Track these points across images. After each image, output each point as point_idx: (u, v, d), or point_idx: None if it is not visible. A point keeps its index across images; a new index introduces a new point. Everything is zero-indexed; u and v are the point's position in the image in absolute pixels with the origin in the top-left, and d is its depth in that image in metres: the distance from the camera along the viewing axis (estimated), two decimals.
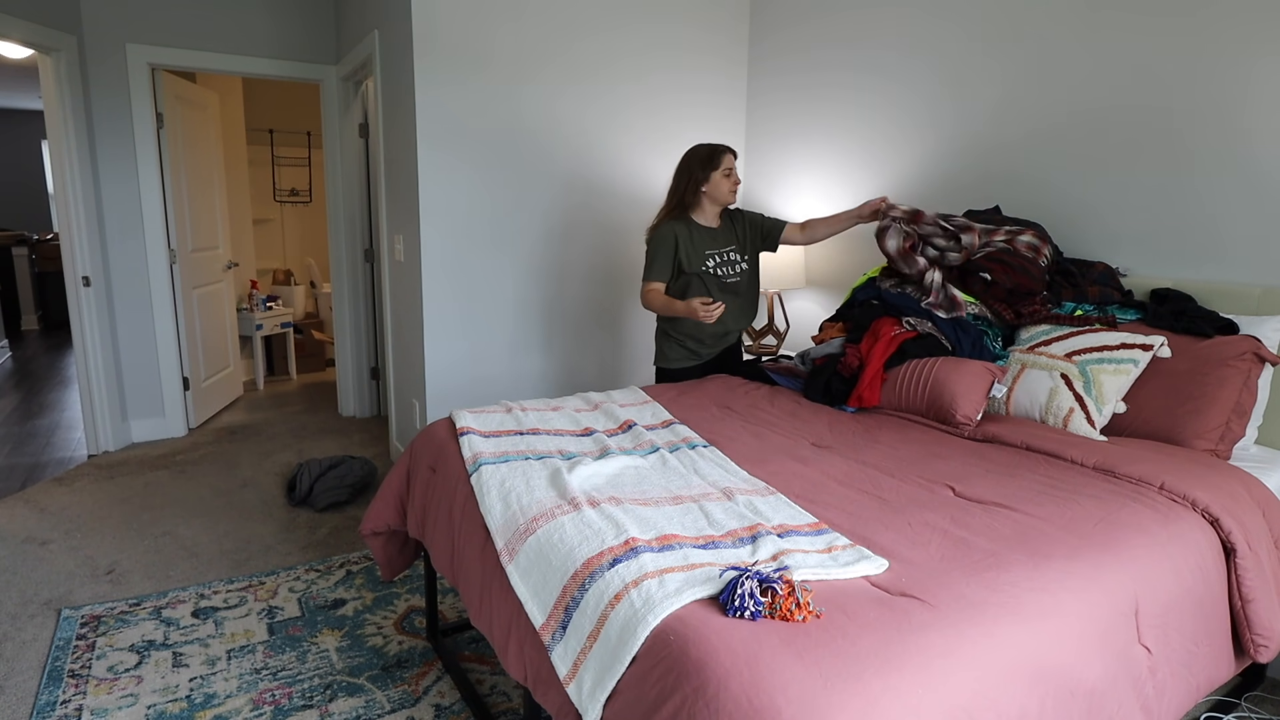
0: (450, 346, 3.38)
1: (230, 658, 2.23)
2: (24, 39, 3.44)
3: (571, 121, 3.49)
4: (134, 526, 3.11)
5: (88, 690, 2.07)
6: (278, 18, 4.22)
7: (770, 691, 1.00)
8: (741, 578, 1.18)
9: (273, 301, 5.68)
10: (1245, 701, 1.98)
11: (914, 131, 3.11)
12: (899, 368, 2.34)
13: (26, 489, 3.50)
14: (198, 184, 4.51)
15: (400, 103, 3.35)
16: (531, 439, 1.99)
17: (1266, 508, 1.74)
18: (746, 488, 1.67)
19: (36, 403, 5.02)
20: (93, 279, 3.89)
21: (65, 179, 3.75)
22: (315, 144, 7.01)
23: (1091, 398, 2.07)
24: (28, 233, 8.37)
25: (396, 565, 2.26)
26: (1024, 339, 2.36)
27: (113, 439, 4.06)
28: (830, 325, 2.81)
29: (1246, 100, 2.15)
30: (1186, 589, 1.48)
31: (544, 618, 1.35)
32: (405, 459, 2.18)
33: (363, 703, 2.04)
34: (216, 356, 4.80)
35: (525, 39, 3.30)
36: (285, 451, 4.09)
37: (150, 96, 3.98)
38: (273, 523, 3.18)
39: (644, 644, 1.15)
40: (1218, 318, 2.10)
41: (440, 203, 3.25)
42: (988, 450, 1.97)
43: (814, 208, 3.60)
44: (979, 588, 1.25)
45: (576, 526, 1.45)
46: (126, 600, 2.54)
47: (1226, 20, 2.17)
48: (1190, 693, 1.48)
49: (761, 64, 3.83)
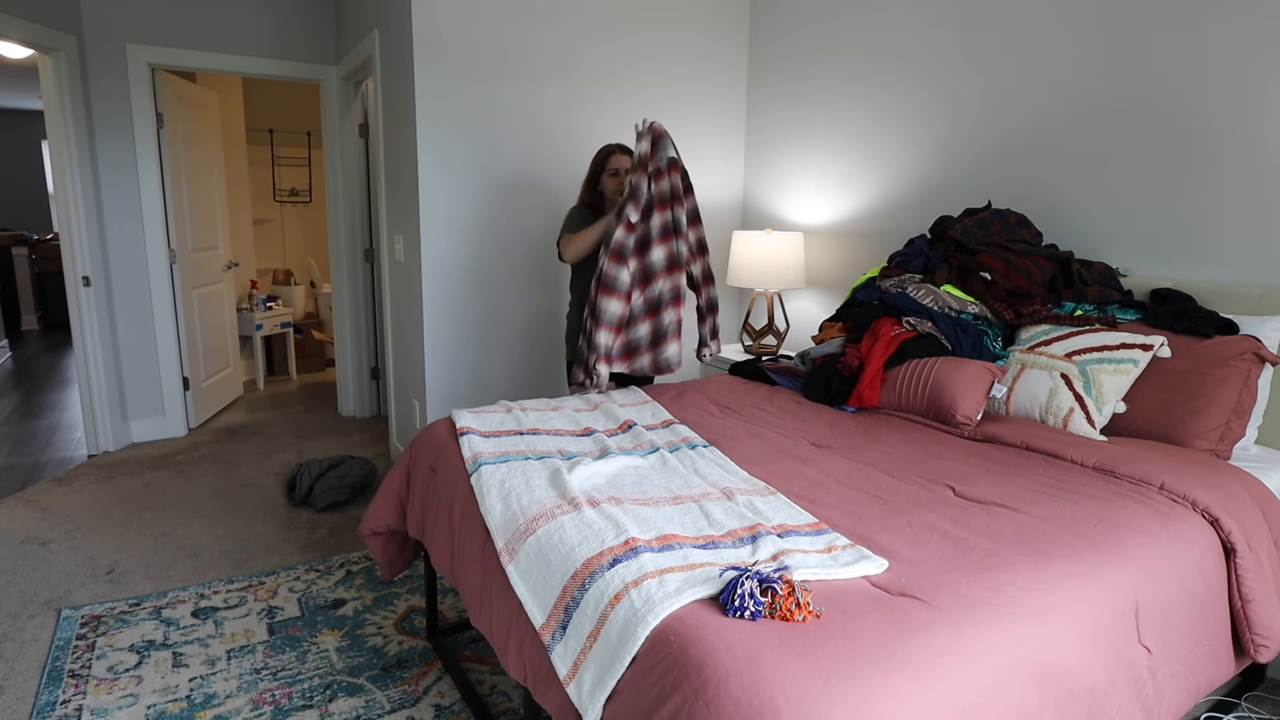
0: (450, 346, 3.38)
1: (230, 658, 2.23)
2: (24, 39, 3.44)
3: (572, 122, 3.49)
4: (134, 526, 3.11)
5: (88, 690, 2.07)
6: (278, 18, 4.22)
7: (770, 691, 1.00)
8: (741, 578, 1.18)
9: (273, 301, 5.68)
10: (1245, 701, 1.98)
11: (910, 135, 3.11)
12: (899, 368, 2.34)
13: (26, 489, 3.50)
14: (198, 184, 4.52)
15: (400, 103, 3.35)
16: (531, 439, 1.99)
17: (1266, 508, 1.74)
18: (746, 488, 1.67)
19: (36, 403, 5.02)
20: (93, 279, 3.89)
21: (65, 179, 3.75)
22: (315, 144, 7.02)
23: (1091, 398, 2.07)
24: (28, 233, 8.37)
25: (396, 565, 2.26)
26: (1024, 339, 2.36)
27: (113, 439, 4.06)
28: (830, 325, 2.81)
29: (1247, 100, 2.15)
30: (1186, 589, 1.48)
31: (544, 618, 1.35)
32: (405, 459, 2.18)
33: (363, 703, 2.04)
34: (216, 356, 4.80)
35: (526, 40, 3.30)
36: (285, 451, 4.10)
37: (150, 96, 3.98)
38: (273, 523, 3.18)
39: (644, 644, 1.15)
40: (1218, 318, 2.10)
41: (440, 203, 3.25)
42: (988, 450, 1.97)
43: (814, 208, 3.60)
44: (979, 588, 1.25)
45: (576, 526, 1.46)
46: (126, 600, 2.54)
47: (1226, 19, 2.17)
48: (1190, 692, 1.49)
49: (761, 70, 3.84)
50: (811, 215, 3.63)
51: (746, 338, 3.58)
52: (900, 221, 3.19)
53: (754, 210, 3.98)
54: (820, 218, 3.59)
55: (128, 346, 4.12)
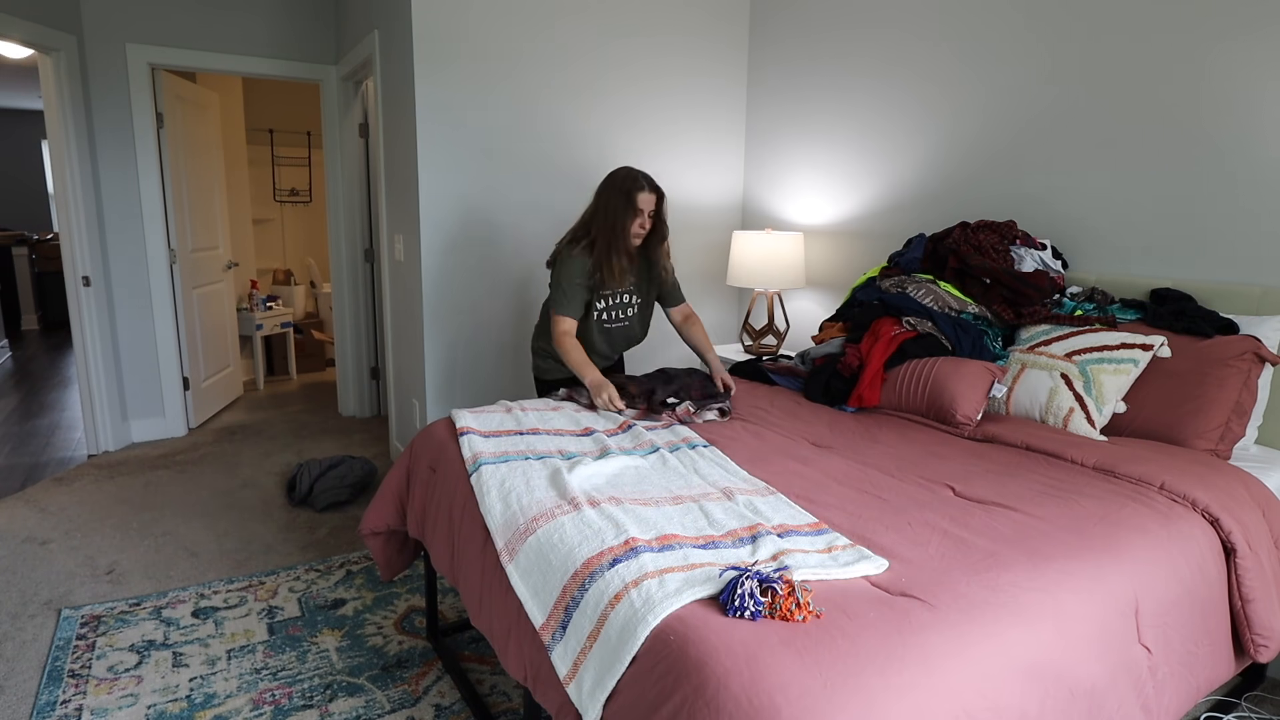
0: (450, 346, 3.38)
1: (230, 658, 2.23)
2: (24, 39, 3.44)
3: (572, 122, 3.49)
4: (134, 526, 3.11)
5: (88, 690, 2.07)
6: (278, 18, 4.22)
7: (770, 691, 1.00)
8: (741, 578, 1.18)
9: (273, 301, 5.68)
10: (1245, 701, 1.98)
11: (911, 134, 3.10)
12: (899, 368, 2.34)
13: (26, 489, 3.50)
14: (198, 184, 4.51)
15: (400, 103, 3.35)
16: (531, 439, 1.99)
17: (1266, 507, 1.74)
18: (746, 488, 1.67)
19: (36, 403, 5.02)
20: (93, 279, 3.89)
21: (65, 179, 3.75)
22: (315, 144, 7.02)
23: (1091, 397, 2.07)
24: (28, 233, 8.37)
25: (395, 565, 2.26)
26: (1024, 339, 2.36)
27: (113, 439, 4.06)
28: (830, 325, 2.81)
29: (1246, 100, 2.15)
30: (1186, 589, 1.48)
31: (544, 618, 1.35)
32: (405, 459, 2.18)
33: (363, 703, 2.04)
34: (216, 356, 4.80)
35: (526, 39, 3.30)
36: (285, 451, 4.09)
37: (150, 96, 3.98)
38: (273, 523, 3.18)
39: (644, 644, 1.15)
40: (1218, 317, 2.10)
41: (440, 203, 3.25)
42: (988, 450, 1.97)
43: (814, 207, 3.60)
44: (979, 588, 1.25)
45: (576, 526, 1.45)
46: (126, 600, 2.54)
47: (1226, 19, 2.17)
48: (1190, 692, 1.48)
49: (761, 69, 3.83)
50: (812, 215, 3.63)
51: (746, 338, 3.57)
52: (900, 221, 3.19)
53: (754, 210, 3.98)
54: (820, 217, 3.59)
55: (128, 346, 4.12)
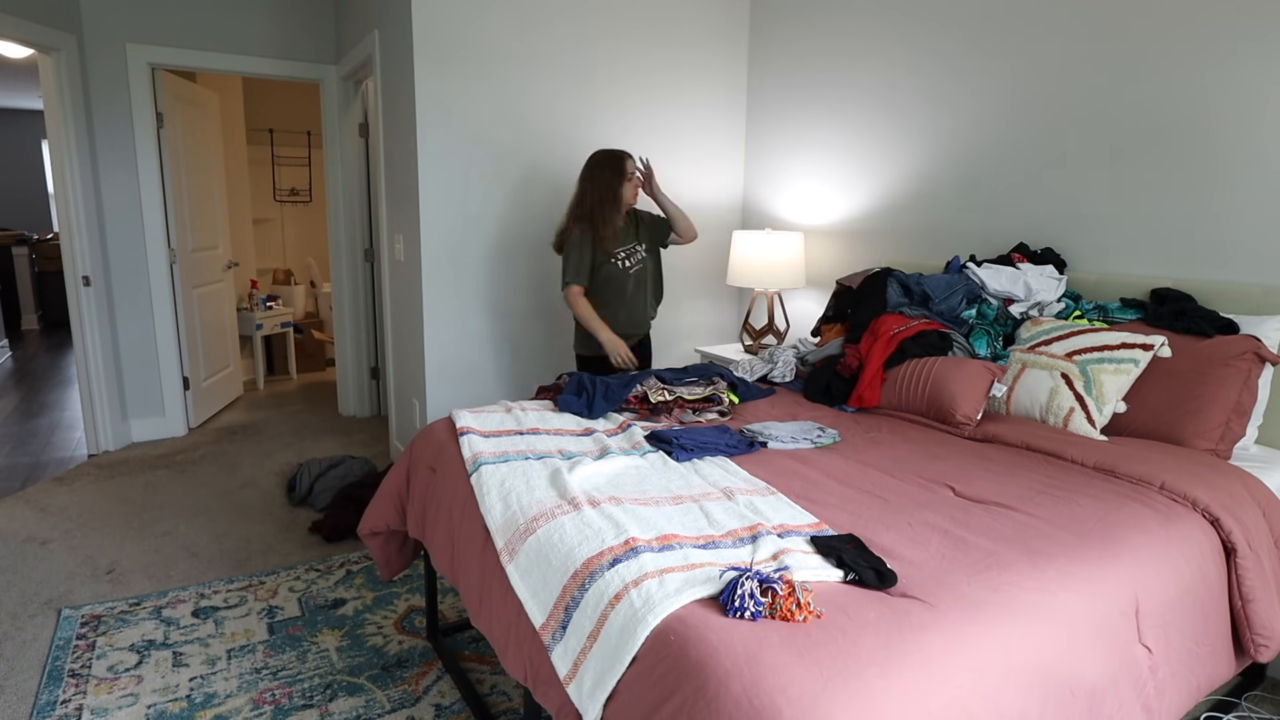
0: (450, 346, 3.38)
1: (230, 657, 2.23)
2: (24, 39, 3.44)
3: (572, 121, 3.48)
4: (134, 526, 3.11)
5: (88, 690, 2.07)
6: (278, 18, 4.22)
7: (770, 691, 1.00)
8: (742, 578, 1.18)
9: (273, 301, 5.68)
10: (1245, 701, 1.98)
11: (911, 134, 3.10)
12: (899, 367, 2.34)
13: (26, 489, 3.50)
14: (198, 184, 4.51)
15: (400, 103, 3.35)
16: (531, 439, 1.99)
17: (1266, 507, 1.73)
18: (747, 487, 1.67)
19: (36, 402, 5.02)
20: (93, 279, 3.89)
21: (65, 179, 3.75)
22: (315, 144, 7.02)
23: (1092, 397, 2.07)
24: (28, 232, 8.37)
25: (395, 565, 2.26)
26: (1024, 338, 2.36)
27: (113, 439, 4.06)
28: (829, 328, 2.81)
29: (1246, 100, 2.15)
30: (1187, 588, 1.48)
31: (544, 618, 1.35)
32: (405, 459, 2.18)
33: (363, 702, 2.04)
34: (216, 356, 4.80)
35: (526, 39, 3.30)
36: (285, 451, 4.09)
37: (150, 96, 3.98)
38: (273, 523, 3.18)
39: (644, 644, 1.15)
40: (1218, 317, 2.10)
41: (440, 203, 3.25)
42: (988, 450, 1.97)
43: (814, 207, 3.60)
44: (979, 587, 1.25)
45: (576, 526, 1.45)
46: (126, 600, 2.54)
47: (1225, 18, 2.17)
48: (1190, 692, 1.48)
49: (761, 69, 3.83)
50: (811, 215, 3.63)
51: (746, 337, 3.57)
52: (900, 221, 3.19)
53: (754, 210, 3.98)
54: (820, 217, 3.59)
55: (128, 346, 4.11)
